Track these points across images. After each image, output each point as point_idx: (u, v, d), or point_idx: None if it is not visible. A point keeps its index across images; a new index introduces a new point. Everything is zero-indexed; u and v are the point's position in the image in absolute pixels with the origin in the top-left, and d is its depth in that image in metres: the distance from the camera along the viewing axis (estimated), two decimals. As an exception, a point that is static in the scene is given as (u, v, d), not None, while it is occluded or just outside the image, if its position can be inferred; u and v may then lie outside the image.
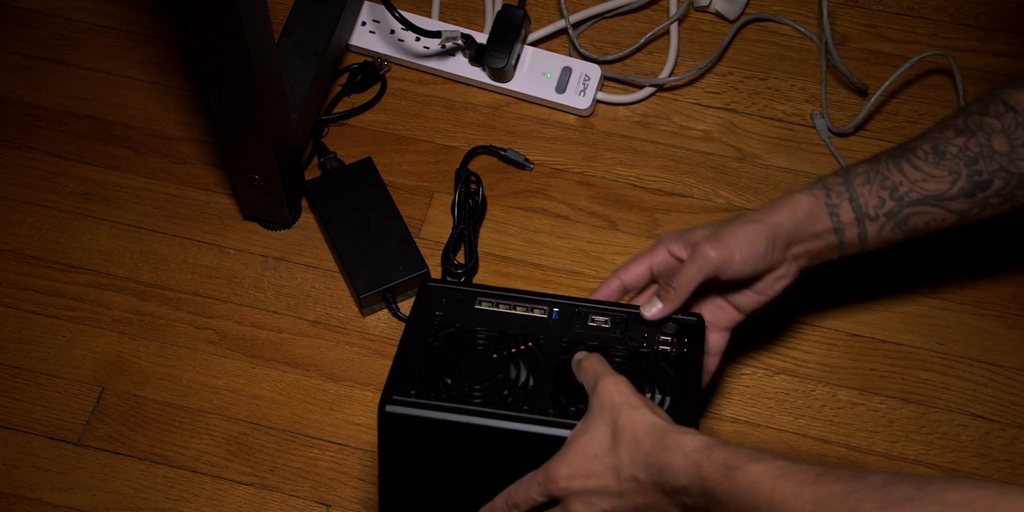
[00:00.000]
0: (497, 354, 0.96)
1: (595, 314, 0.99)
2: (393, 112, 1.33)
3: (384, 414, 0.92)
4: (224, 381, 1.22)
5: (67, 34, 1.37)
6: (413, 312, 0.99)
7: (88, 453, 1.19)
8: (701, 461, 0.82)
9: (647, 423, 0.86)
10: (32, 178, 1.31)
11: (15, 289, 1.26)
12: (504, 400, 0.93)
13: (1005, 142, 1.00)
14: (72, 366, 1.23)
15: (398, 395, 0.92)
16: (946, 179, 1.01)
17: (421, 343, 0.96)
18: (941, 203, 1.01)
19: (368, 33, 1.34)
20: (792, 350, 1.22)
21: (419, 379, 0.94)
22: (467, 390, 0.93)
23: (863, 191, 1.01)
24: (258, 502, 1.17)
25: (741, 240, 0.99)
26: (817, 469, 0.78)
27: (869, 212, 1.01)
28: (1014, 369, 1.22)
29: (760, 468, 0.80)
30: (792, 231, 1.00)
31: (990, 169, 1.00)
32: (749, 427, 1.19)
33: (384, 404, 0.92)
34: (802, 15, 1.37)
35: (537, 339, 0.97)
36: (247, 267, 1.26)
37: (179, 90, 1.35)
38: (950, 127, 1.02)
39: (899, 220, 1.02)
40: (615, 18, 1.38)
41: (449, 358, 0.95)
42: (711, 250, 0.98)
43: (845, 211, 1.01)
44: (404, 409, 0.92)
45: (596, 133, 1.32)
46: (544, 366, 0.96)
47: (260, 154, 1.16)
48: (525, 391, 0.94)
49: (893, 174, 1.01)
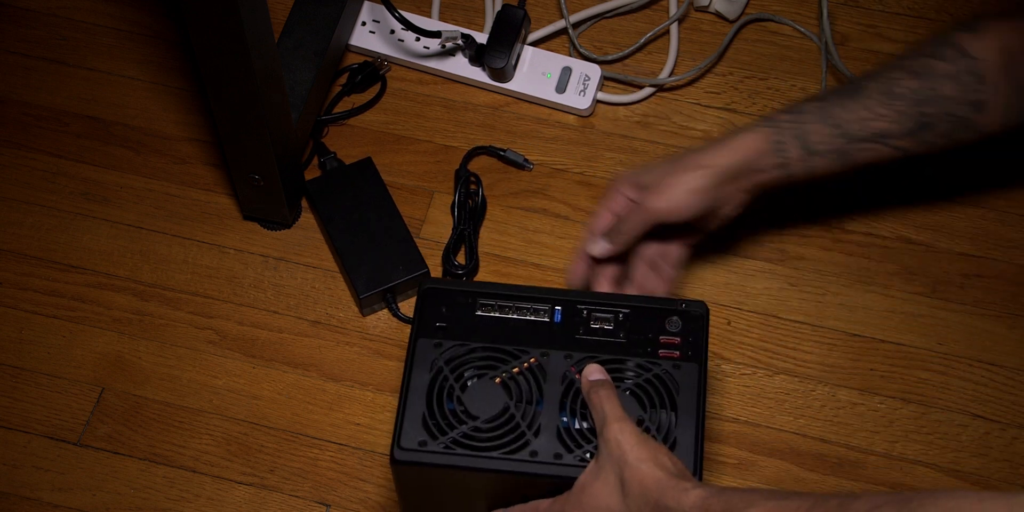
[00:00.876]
0: (501, 378, 0.96)
1: (597, 312, 0.99)
2: (393, 112, 1.33)
3: (396, 461, 0.94)
4: (224, 381, 1.22)
5: (67, 34, 1.37)
6: (415, 320, 0.99)
7: (88, 453, 1.19)
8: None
9: (650, 479, 0.88)
10: (32, 178, 1.31)
11: (15, 289, 1.26)
12: (512, 432, 0.94)
13: (954, 87, 1.04)
14: (72, 366, 1.23)
15: (406, 443, 0.94)
16: (894, 119, 1.05)
17: (426, 374, 0.97)
18: (885, 140, 1.06)
19: (368, 33, 1.34)
20: (792, 350, 1.22)
21: (426, 421, 0.94)
22: (475, 431, 0.94)
23: (811, 128, 1.05)
24: (258, 502, 1.17)
25: (682, 190, 1.04)
26: (808, 502, 0.80)
27: (818, 148, 1.05)
28: (1014, 369, 1.21)
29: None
30: (735, 171, 1.05)
31: (936, 112, 1.04)
32: (749, 427, 1.19)
33: (394, 453, 0.93)
34: (802, 15, 1.37)
35: (540, 354, 0.97)
36: (247, 267, 1.26)
37: (179, 90, 1.35)
38: (899, 68, 1.06)
39: (844, 155, 1.06)
40: (615, 18, 1.37)
41: (454, 391, 0.96)
42: (656, 201, 1.04)
43: (793, 148, 1.05)
44: (414, 456, 0.93)
45: (596, 133, 1.32)
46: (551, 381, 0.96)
47: (260, 154, 1.15)
48: (533, 419, 0.95)
49: (841, 113, 1.05)
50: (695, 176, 1.04)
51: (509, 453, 0.93)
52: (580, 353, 0.97)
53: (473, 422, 0.94)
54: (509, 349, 0.97)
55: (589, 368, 0.95)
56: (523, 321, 0.98)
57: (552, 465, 0.93)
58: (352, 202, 1.25)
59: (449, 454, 0.93)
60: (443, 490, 0.99)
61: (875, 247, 1.26)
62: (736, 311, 1.24)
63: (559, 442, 0.94)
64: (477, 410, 0.95)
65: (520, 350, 0.97)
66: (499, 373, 0.96)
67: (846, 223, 1.27)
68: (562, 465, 0.93)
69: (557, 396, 0.95)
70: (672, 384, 0.96)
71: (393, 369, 1.22)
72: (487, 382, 0.96)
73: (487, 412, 0.95)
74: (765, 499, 0.82)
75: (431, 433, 0.94)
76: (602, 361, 0.96)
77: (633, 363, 0.97)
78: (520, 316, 0.99)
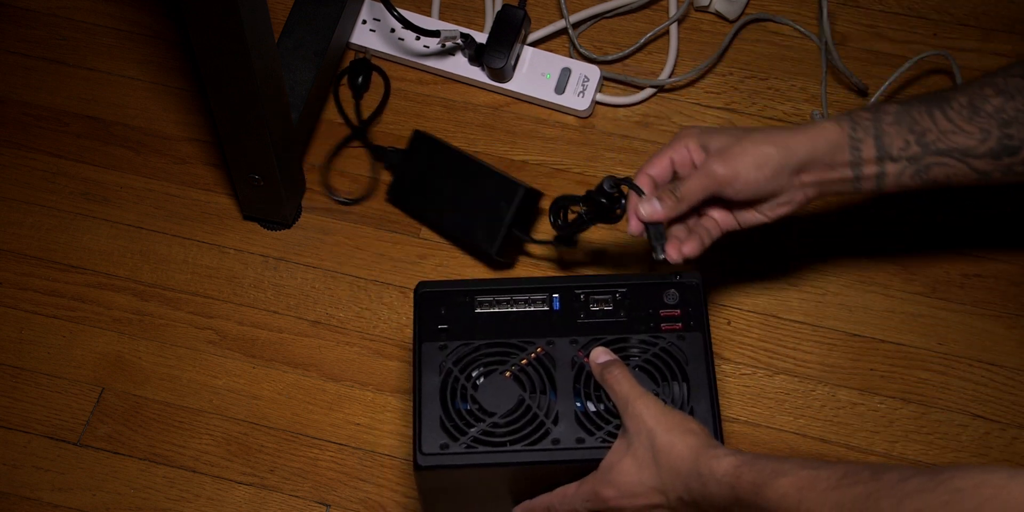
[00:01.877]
0: (511, 372, 0.96)
1: (595, 295, 0.99)
2: (393, 112, 1.33)
3: (420, 468, 0.94)
4: (224, 381, 1.22)
5: (67, 34, 1.37)
6: (416, 325, 0.99)
7: (88, 453, 1.19)
8: (733, 483, 0.86)
9: (683, 447, 0.89)
10: (32, 178, 1.31)
11: (15, 289, 1.26)
12: (531, 423, 0.95)
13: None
14: (72, 366, 1.23)
15: (428, 448, 0.94)
16: (976, 136, 0.99)
17: (435, 377, 0.97)
18: (965, 159, 1.00)
19: (368, 31, 1.34)
20: (792, 350, 1.22)
21: (444, 424, 0.95)
22: (493, 427, 0.95)
23: (890, 130, 1.00)
24: (258, 502, 1.17)
25: (749, 162, 0.98)
26: (840, 472, 0.81)
27: (892, 152, 1.00)
28: (1014, 369, 1.21)
29: (786, 482, 0.83)
30: (806, 159, 0.99)
31: (1022, 135, 0.99)
32: (749, 427, 1.19)
33: (417, 459, 0.94)
34: (802, 15, 1.37)
35: (545, 342, 0.97)
36: (247, 267, 1.26)
37: (179, 90, 1.35)
38: (990, 85, 1.00)
39: (920, 167, 1.00)
40: (615, 18, 1.38)
41: (467, 391, 0.96)
42: (719, 167, 0.98)
43: (868, 147, 1.00)
44: (438, 460, 0.94)
45: (596, 133, 1.32)
46: (561, 368, 0.97)
47: (260, 154, 1.16)
48: (549, 407, 0.95)
49: (924, 120, 1.00)
50: (763, 152, 0.98)
51: (531, 444, 0.94)
52: (585, 337, 0.98)
53: (491, 418, 0.95)
54: (514, 342, 0.98)
55: (595, 352, 0.96)
56: (523, 313, 0.99)
57: (576, 450, 0.94)
58: (428, 180, 1.24)
59: (472, 453, 0.94)
60: (469, 490, 0.99)
61: (875, 247, 1.26)
62: (736, 311, 1.24)
63: (579, 426, 0.95)
64: (493, 406, 0.95)
65: (525, 342, 0.97)
66: (508, 367, 0.96)
67: (846, 223, 1.27)
68: (586, 448, 0.94)
69: (569, 382, 0.96)
70: (680, 355, 0.97)
71: (393, 369, 1.22)
72: (498, 377, 0.96)
73: (503, 407, 0.95)
74: (797, 468, 0.83)
75: (451, 435, 0.94)
76: (607, 342, 0.97)
77: (638, 340, 0.98)
78: (519, 308, 0.99)
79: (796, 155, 0.99)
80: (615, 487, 0.92)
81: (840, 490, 0.79)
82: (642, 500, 0.92)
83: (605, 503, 0.93)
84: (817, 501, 0.80)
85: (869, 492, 0.77)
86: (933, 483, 0.74)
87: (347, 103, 1.33)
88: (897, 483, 0.76)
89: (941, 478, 0.74)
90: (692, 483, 0.88)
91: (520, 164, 1.30)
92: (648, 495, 0.91)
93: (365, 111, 1.32)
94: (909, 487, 0.75)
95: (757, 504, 0.84)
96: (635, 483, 0.91)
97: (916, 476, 0.76)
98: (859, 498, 0.78)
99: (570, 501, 0.95)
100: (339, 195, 1.28)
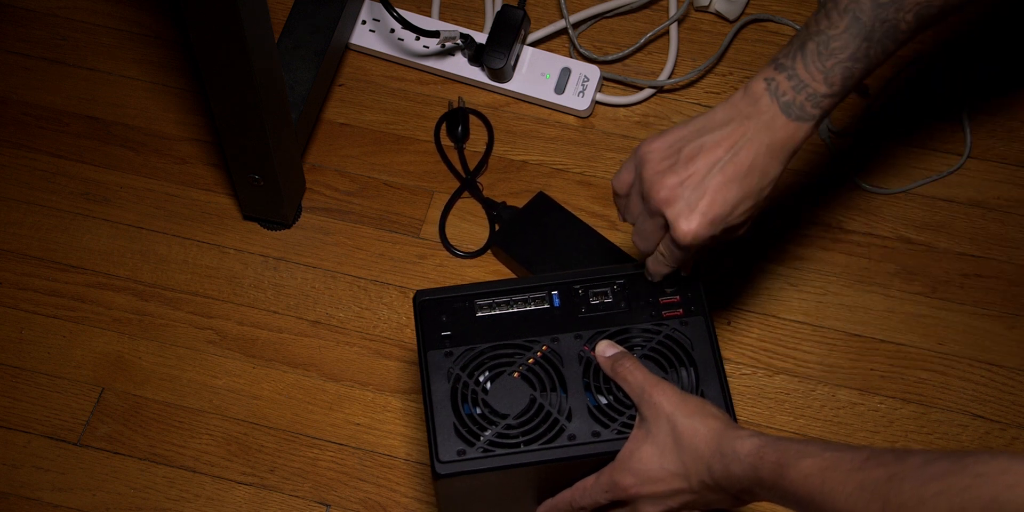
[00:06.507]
0: (519, 373, 0.96)
1: (594, 288, 0.99)
2: (393, 112, 1.33)
3: (439, 476, 0.94)
4: (224, 381, 1.22)
5: (67, 34, 1.37)
6: (419, 334, 0.99)
7: (88, 453, 1.19)
8: (756, 464, 0.86)
9: (704, 430, 0.90)
10: (32, 178, 1.31)
11: (15, 289, 1.26)
12: (545, 422, 0.95)
13: None
14: (72, 366, 1.23)
15: (445, 456, 0.94)
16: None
17: (444, 384, 0.97)
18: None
19: (368, 32, 1.34)
20: (792, 350, 1.22)
21: (458, 430, 0.95)
22: (508, 429, 0.95)
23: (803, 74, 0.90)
24: (258, 502, 1.17)
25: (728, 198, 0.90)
26: (864, 454, 0.81)
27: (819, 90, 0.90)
28: (1014, 369, 1.22)
29: (809, 463, 0.83)
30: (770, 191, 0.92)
31: None
32: (749, 427, 1.19)
33: (436, 468, 0.94)
34: (802, 15, 1.37)
35: (550, 340, 0.98)
36: (247, 267, 1.26)
37: (179, 90, 1.35)
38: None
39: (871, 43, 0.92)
40: (615, 18, 1.38)
41: (478, 395, 0.96)
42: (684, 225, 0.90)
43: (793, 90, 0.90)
44: (456, 467, 0.94)
45: (596, 133, 1.32)
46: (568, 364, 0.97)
47: (260, 154, 1.16)
48: (561, 404, 0.95)
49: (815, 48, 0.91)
50: (736, 194, 0.91)
51: (548, 442, 0.94)
52: (588, 331, 0.98)
53: (504, 420, 0.95)
54: (519, 342, 0.98)
55: (601, 346, 0.96)
56: (524, 312, 0.99)
57: (593, 444, 0.94)
58: (540, 239, 1.24)
59: (490, 457, 0.94)
60: (489, 494, 0.99)
61: (875, 247, 1.26)
62: (736, 311, 1.24)
63: (593, 420, 0.95)
64: (505, 408, 0.95)
65: (529, 341, 0.97)
66: (516, 368, 0.96)
67: (846, 223, 1.27)
68: (603, 441, 0.94)
69: (578, 377, 0.96)
70: (685, 341, 0.97)
71: (393, 369, 1.22)
72: (507, 379, 0.96)
73: (515, 408, 0.95)
74: (821, 450, 0.83)
75: (466, 440, 0.94)
76: (611, 334, 0.97)
77: (641, 329, 0.98)
78: (519, 308, 0.99)
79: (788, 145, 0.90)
80: (635, 475, 0.92)
81: (863, 472, 0.80)
82: (663, 486, 0.92)
83: (625, 491, 0.93)
84: (840, 482, 0.80)
85: (892, 474, 0.77)
86: (957, 467, 0.74)
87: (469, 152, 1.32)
88: (921, 466, 0.76)
89: (965, 462, 0.74)
90: (714, 464, 0.89)
91: (520, 164, 1.30)
92: (669, 480, 0.91)
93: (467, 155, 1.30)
94: (933, 470, 0.75)
95: (780, 485, 0.84)
96: (656, 469, 0.91)
97: (940, 459, 0.76)
98: (882, 480, 0.78)
99: (590, 493, 0.96)
100: (458, 250, 1.27)
